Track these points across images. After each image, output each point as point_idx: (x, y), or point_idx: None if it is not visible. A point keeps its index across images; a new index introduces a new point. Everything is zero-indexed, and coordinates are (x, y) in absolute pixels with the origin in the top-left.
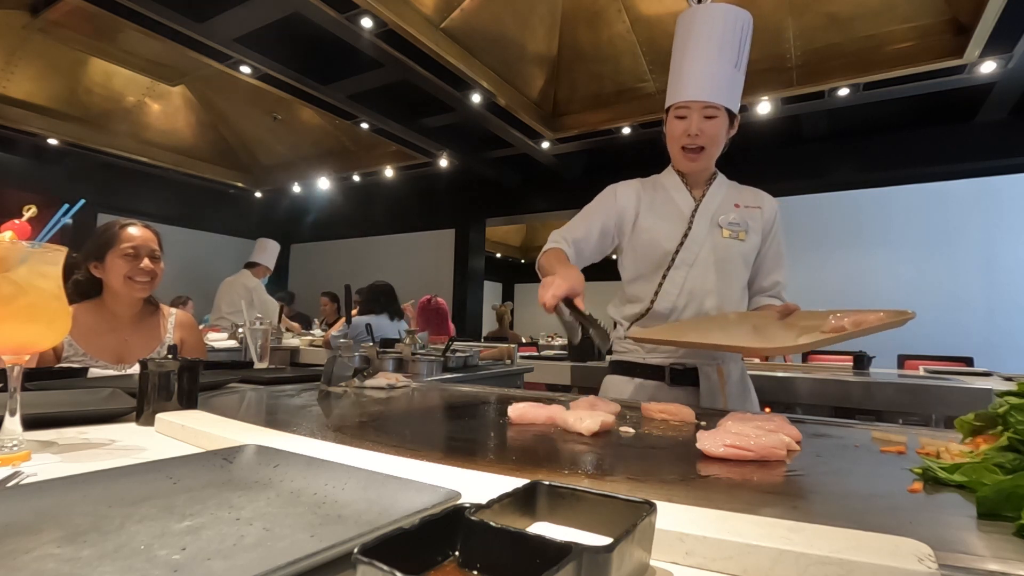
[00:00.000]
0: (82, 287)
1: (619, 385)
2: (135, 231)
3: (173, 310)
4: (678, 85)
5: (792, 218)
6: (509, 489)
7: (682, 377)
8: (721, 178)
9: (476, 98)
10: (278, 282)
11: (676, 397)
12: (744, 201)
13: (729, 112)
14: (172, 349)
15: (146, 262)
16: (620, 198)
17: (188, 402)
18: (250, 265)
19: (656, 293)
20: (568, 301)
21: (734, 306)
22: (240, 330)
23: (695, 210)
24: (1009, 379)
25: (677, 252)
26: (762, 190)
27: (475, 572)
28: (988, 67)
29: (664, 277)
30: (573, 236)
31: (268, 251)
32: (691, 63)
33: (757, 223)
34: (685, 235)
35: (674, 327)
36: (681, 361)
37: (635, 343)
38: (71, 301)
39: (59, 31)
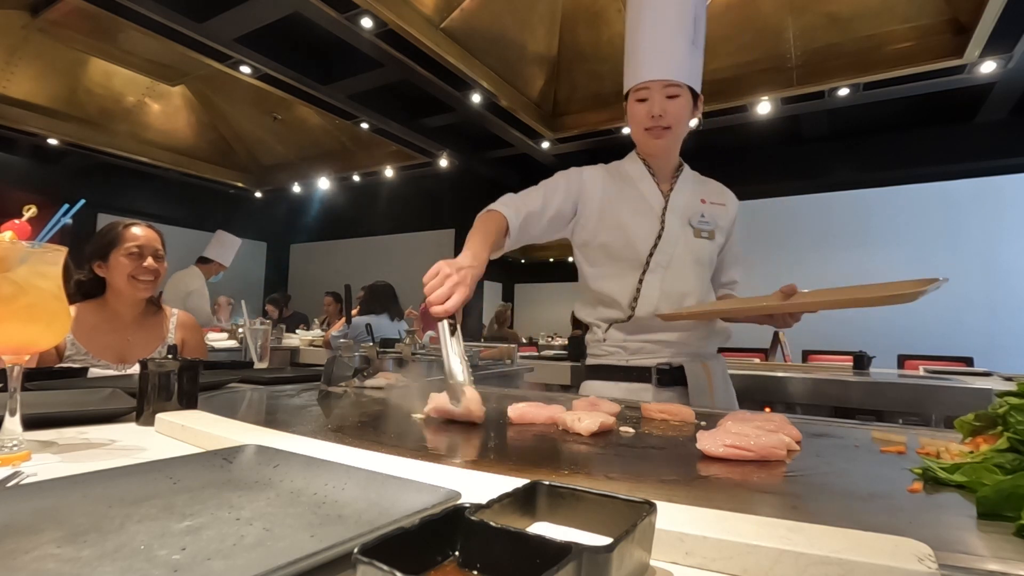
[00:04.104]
0: (85, 287)
1: (601, 391)
2: (139, 231)
3: (175, 310)
4: (636, 66)
5: (793, 218)
6: (509, 489)
7: (669, 377)
8: (687, 170)
9: (476, 98)
10: (278, 283)
11: (664, 398)
12: (709, 196)
13: (692, 91)
14: (172, 349)
15: (150, 261)
16: (587, 183)
17: (188, 402)
18: (202, 261)
19: (635, 299)
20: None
21: None
22: (240, 330)
23: (665, 207)
24: (1009, 379)
25: (652, 254)
26: (725, 185)
27: (475, 572)
28: (988, 67)
29: (641, 281)
30: (528, 208)
31: (225, 246)
32: (647, 41)
33: (723, 221)
34: (659, 235)
35: (695, 310)
36: (667, 361)
37: (616, 345)
38: (74, 300)
39: (59, 31)
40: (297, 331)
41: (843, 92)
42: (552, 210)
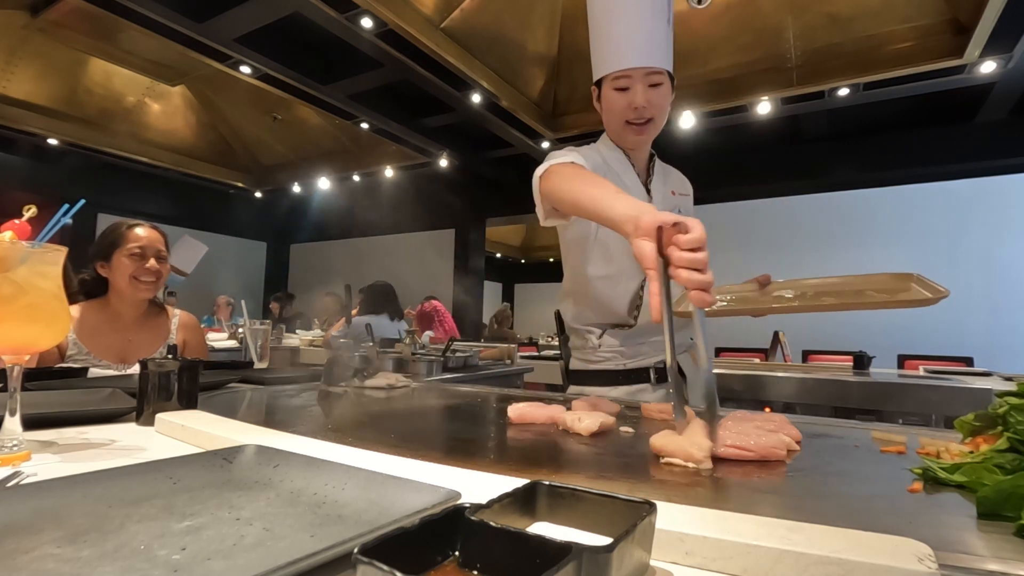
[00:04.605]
0: (88, 286)
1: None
2: (142, 232)
3: (177, 311)
4: (612, 51)
5: (793, 218)
6: (509, 489)
7: (664, 374)
8: (657, 160)
9: (476, 98)
10: (278, 283)
11: (662, 396)
12: (676, 187)
13: (669, 75)
14: (172, 349)
15: (152, 262)
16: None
17: (188, 402)
18: None
19: (638, 307)
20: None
21: None
22: (240, 330)
23: (651, 203)
24: (1009, 379)
25: None
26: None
27: (475, 572)
28: (988, 67)
29: (643, 288)
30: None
31: (184, 251)
32: (625, 23)
33: (690, 211)
34: None
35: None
36: (662, 359)
37: (612, 351)
38: (76, 300)
39: (59, 31)
40: (297, 329)
41: (843, 92)
42: None
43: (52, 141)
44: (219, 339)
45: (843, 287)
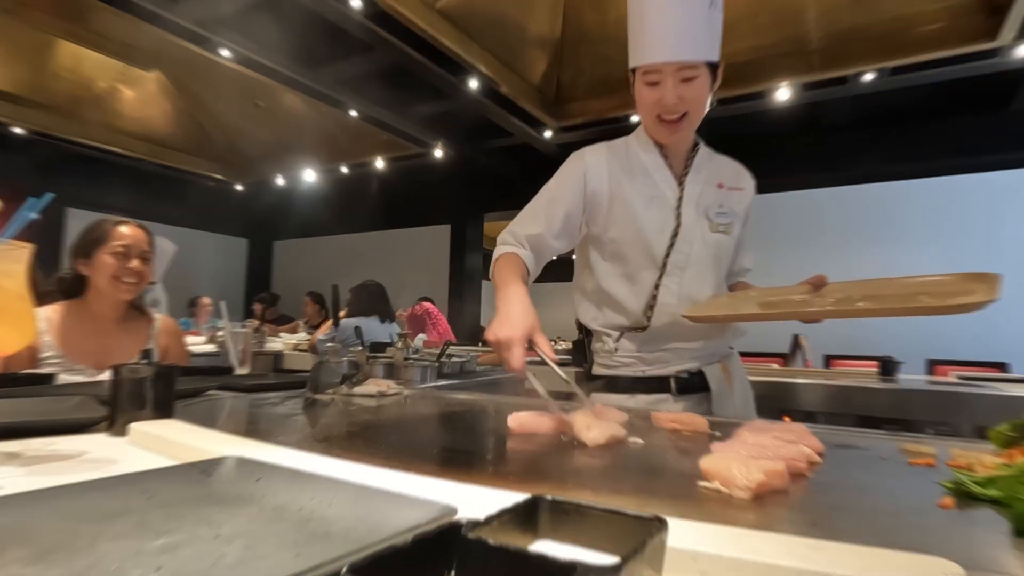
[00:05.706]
0: (65, 284)
1: (617, 404)
2: (127, 230)
3: (158, 315)
4: (643, 42)
5: (814, 213)
6: (509, 504)
7: (688, 384)
8: (702, 149)
9: (473, 84)
10: (260, 283)
11: (684, 408)
12: (727, 180)
13: (711, 65)
14: (146, 354)
15: (135, 263)
16: (591, 170)
17: (163, 411)
18: None
19: (651, 307)
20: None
21: None
22: (220, 333)
23: (680, 198)
24: None
25: (668, 254)
26: (743, 165)
27: None
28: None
29: (658, 287)
30: (527, 232)
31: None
32: (657, 9)
33: (741, 208)
34: (675, 233)
35: (725, 303)
36: (686, 368)
37: (630, 356)
38: (54, 299)
39: (24, 12)
40: (281, 332)
41: (868, 77)
42: (559, 222)
43: (17, 130)
44: (197, 343)
45: (900, 290)
